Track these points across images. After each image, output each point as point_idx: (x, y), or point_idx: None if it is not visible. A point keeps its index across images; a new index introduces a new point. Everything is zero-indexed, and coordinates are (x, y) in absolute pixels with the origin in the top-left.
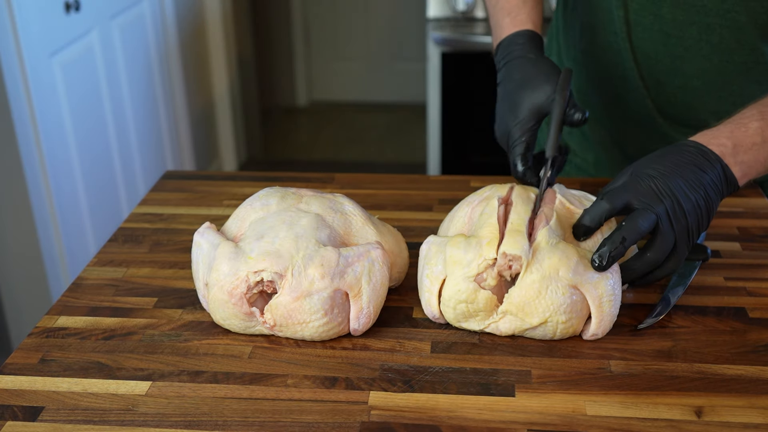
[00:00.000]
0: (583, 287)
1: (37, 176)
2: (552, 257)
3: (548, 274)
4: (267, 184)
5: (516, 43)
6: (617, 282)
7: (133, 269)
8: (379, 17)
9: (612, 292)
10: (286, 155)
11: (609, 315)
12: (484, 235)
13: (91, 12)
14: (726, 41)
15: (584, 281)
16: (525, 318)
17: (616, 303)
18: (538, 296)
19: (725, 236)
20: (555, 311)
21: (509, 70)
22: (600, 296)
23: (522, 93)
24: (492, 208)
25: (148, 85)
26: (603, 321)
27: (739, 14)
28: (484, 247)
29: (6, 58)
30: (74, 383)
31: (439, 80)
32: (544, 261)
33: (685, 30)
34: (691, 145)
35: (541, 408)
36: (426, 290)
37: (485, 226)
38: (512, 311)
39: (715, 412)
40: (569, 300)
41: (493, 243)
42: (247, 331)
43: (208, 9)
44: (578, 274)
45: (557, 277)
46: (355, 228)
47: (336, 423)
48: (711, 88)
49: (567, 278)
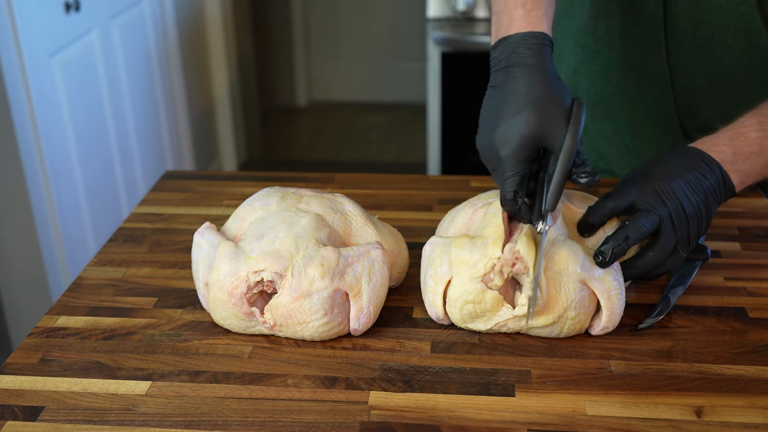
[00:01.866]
0: (590, 282)
1: (37, 176)
2: (561, 253)
3: (560, 270)
4: (267, 184)
5: (526, 45)
6: (621, 277)
7: (133, 269)
8: (379, 17)
9: (618, 286)
10: (286, 155)
11: (618, 308)
12: (489, 234)
13: (91, 12)
14: (739, 42)
15: (591, 276)
16: (539, 318)
17: (623, 297)
18: (554, 295)
19: (725, 236)
20: (567, 307)
21: (510, 77)
22: (608, 290)
23: (523, 114)
24: (496, 209)
25: (148, 85)
26: (613, 314)
27: (756, 17)
28: (490, 247)
29: (6, 58)
30: (74, 383)
31: (439, 80)
32: (554, 257)
33: (699, 28)
34: (692, 150)
35: (541, 408)
36: (430, 291)
37: (490, 226)
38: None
39: (715, 412)
40: (579, 295)
41: (498, 242)
42: (247, 331)
43: (208, 9)
44: (586, 270)
45: (567, 272)
46: (355, 228)
47: (336, 423)
48: (717, 88)
49: (576, 273)
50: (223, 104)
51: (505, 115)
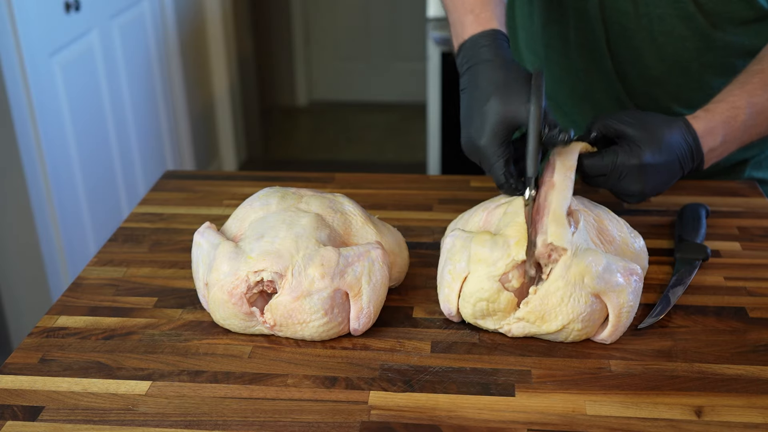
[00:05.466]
0: (605, 295)
1: (37, 176)
2: (579, 264)
3: (573, 281)
4: (267, 183)
5: (481, 45)
6: (638, 293)
7: (133, 269)
8: (379, 17)
9: (633, 303)
10: (286, 155)
11: (624, 326)
12: (511, 234)
13: (91, 12)
14: (678, 29)
15: (608, 289)
16: (542, 325)
17: (632, 314)
18: (560, 304)
19: (725, 236)
20: (573, 319)
21: (474, 76)
22: (621, 305)
23: (490, 103)
24: (518, 207)
25: (148, 85)
26: (617, 330)
27: (687, 4)
28: (513, 247)
29: (6, 58)
30: (74, 383)
31: (439, 80)
32: (571, 267)
33: (640, 22)
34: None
35: (541, 408)
36: (446, 286)
37: (511, 224)
38: (530, 319)
39: (715, 412)
40: (589, 309)
41: (522, 242)
42: (247, 331)
43: (208, 9)
44: (603, 281)
45: (582, 285)
46: (355, 228)
47: (336, 423)
48: (670, 75)
49: (591, 286)
50: (223, 104)
51: (476, 110)
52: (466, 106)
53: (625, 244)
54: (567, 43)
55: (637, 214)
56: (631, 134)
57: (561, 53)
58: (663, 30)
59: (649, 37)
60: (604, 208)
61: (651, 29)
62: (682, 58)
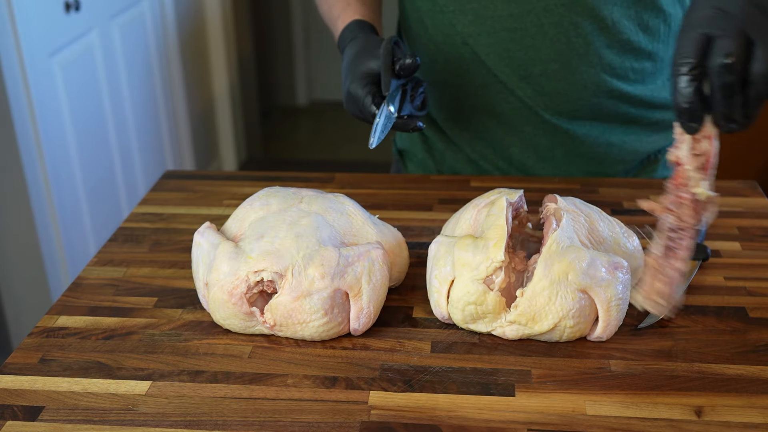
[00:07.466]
0: (592, 291)
1: (37, 176)
2: (562, 261)
3: (557, 279)
4: (267, 183)
5: (349, 30)
6: (626, 287)
7: (133, 269)
8: None
9: (621, 296)
10: (286, 155)
11: (616, 319)
12: (491, 236)
13: (91, 12)
14: (566, 17)
15: (594, 284)
16: (534, 326)
17: (623, 307)
18: (548, 303)
19: (725, 236)
20: (564, 316)
21: (346, 53)
22: (609, 300)
23: (356, 61)
24: (499, 209)
25: (148, 85)
26: (609, 325)
27: None
28: (491, 249)
29: (6, 58)
30: (74, 383)
31: None
32: (553, 266)
33: (526, 20)
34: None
35: (541, 408)
36: (435, 291)
37: (492, 227)
38: (521, 321)
39: (715, 411)
40: (578, 305)
41: (500, 244)
42: (247, 331)
43: (208, 9)
44: (588, 277)
45: (566, 282)
46: (356, 228)
47: (336, 423)
48: (570, 65)
49: (576, 282)
50: (223, 104)
51: (346, 70)
52: (342, 73)
53: (616, 244)
54: (449, 62)
55: (637, 215)
56: None
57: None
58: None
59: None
60: (596, 209)
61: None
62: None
